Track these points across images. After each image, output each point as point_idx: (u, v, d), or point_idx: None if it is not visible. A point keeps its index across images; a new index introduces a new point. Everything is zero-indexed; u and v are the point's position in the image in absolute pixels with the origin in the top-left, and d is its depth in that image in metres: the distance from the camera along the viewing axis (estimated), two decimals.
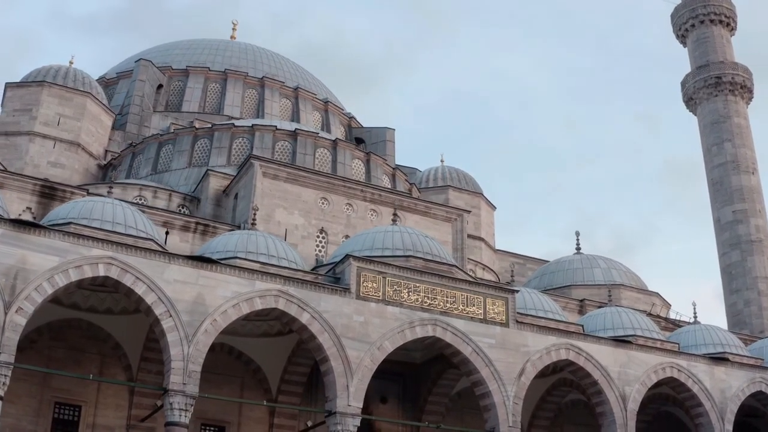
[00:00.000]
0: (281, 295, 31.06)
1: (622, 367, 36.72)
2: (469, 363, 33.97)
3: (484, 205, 60.73)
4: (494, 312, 34.95)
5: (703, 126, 60.90)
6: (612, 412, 35.85)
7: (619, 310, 41.33)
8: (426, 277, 34.04)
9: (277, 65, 64.65)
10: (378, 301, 32.65)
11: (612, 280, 53.08)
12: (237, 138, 48.35)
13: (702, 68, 61.25)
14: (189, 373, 28.79)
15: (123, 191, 43.02)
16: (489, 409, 33.92)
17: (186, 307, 29.30)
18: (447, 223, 45.74)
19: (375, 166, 50.68)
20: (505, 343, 34.58)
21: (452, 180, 60.29)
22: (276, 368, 36.38)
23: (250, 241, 33.55)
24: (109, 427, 33.36)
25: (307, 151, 47.92)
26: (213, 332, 29.67)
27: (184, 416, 28.51)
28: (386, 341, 32.39)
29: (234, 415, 35.86)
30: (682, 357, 38.46)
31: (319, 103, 62.49)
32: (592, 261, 55.02)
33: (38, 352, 33.11)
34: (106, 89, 58.82)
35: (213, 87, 59.02)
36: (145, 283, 29.09)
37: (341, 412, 30.67)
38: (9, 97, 49.78)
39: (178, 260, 29.87)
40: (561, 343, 35.91)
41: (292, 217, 41.34)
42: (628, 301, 51.43)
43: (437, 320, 33.57)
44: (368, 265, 33.07)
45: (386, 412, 38.84)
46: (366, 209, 43.69)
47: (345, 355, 31.29)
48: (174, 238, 38.25)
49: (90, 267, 28.64)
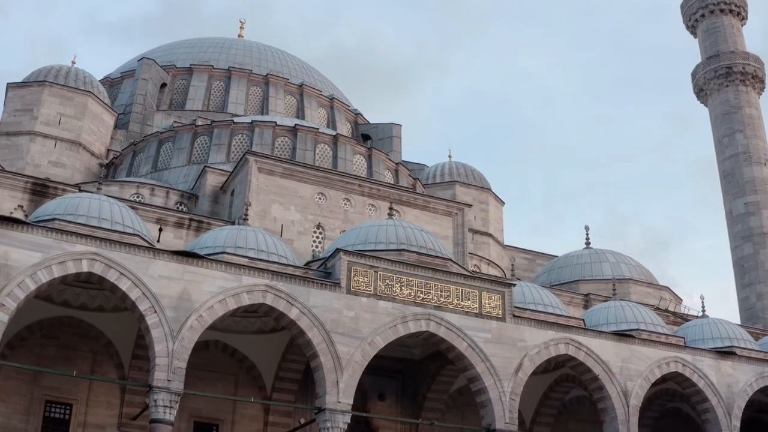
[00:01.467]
0: (269, 291, 30.55)
1: (624, 361, 35.85)
2: (464, 358, 33.27)
3: (492, 201, 59.95)
4: (490, 306, 34.23)
5: (714, 117, 59.63)
6: (614, 408, 35.01)
7: (622, 304, 40.41)
8: (419, 271, 33.38)
9: (283, 62, 64.26)
10: (369, 295, 32.05)
11: (621, 274, 52.18)
12: (236, 134, 48.00)
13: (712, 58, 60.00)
14: (174, 370, 28.33)
15: (120, 189, 42.83)
16: (485, 405, 33.20)
17: (171, 302, 28.87)
18: (447, 218, 45.02)
19: (377, 161, 50.10)
20: (502, 338, 33.84)
21: (459, 175, 59.55)
22: (270, 365, 35.90)
23: (239, 236, 33.09)
24: (101, 425, 33.04)
25: (308, 146, 47.47)
26: (199, 328, 29.20)
27: (168, 413, 28.08)
28: (378, 336, 31.80)
29: (228, 412, 35.41)
30: (687, 351, 37.48)
31: (325, 99, 62.01)
32: (600, 255, 54.13)
33: (29, 350, 32.89)
34: (110, 89, 58.87)
35: (217, 85, 58.72)
36: (129, 278, 28.70)
37: (331, 408, 30.12)
38: (10, 97, 49.79)
39: (164, 255, 29.46)
40: (560, 338, 35.10)
41: (289, 212, 40.85)
42: (637, 296, 50.55)
43: (431, 315, 32.90)
44: (359, 259, 32.48)
45: (384, 410, 38.27)
46: (364, 204, 43.12)
47: (335, 350, 30.74)
48: (168, 234, 37.92)
49: (73, 263, 28.30)
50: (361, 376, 37.78)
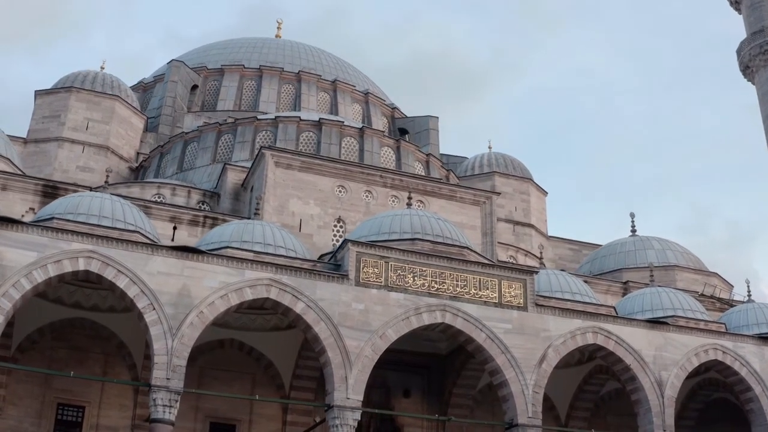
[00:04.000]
0: (273, 285, 29.56)
1: (657, 350, 33.76)
2: (483, 351, 31.75)
3: (533, 191, 58.04)
4: (511, 295, 32.60)
5: (762, 95, 56.22)
6: (647, 400, 32.99)
7: (659, 290, 38.17)
8: (433, 260, 31.98)
9: (316, 59, 63.38)
10: (380, 287, 30.79)
11: (666, 261, 49.76)
12: (260, 131, 47.26)
13: (757, 34, 56.71)
14: (173, 368, 27.58)
15: (141, 190, 42.52)
16: (507, 399, 31.62)
17: (170, 299, 28.14)
18: (475, 207, 43.33)
19: (406, 153, 48.76)
20: (524, 328, 32.17)
21: (498, 166, 57.86)
22: (288, 363, 34.94)
23: (246, 230, 32.21)
24: (113, 427, 32.59)
25: (333, 140, 46.42)
26: (200, 325, 28.36)
27: (168, 412, 27.35)
28: (389, 329, 30.49)
29: (245, 413, 34.58)
30: (727, 337, 35.13)
31: (359, 95, 60.87)
32: (645, 243, 51.74)
33: (40, 352, 32.68)
34: (144, 94, 58.92)
35: (248, 84, 58.16)
36: (127, 275, 28.09)
37: (339, 405, 28.95)
38: (39, 104, 50.05)
39: (162, 251, 28.77)
40: (587, 327, 33.22)
41: (308, 206, 39.83)
42: (684, 283, 48.12)
43: (446, 306, 31.46)
44: (369, 250, 31.26)
45: (410, 406, 36.97)
46: (387, 196, 41.80)
47: (343, 345, 29.56)
48: (182, 233, 37.29)
49: (69, 261, 27.83)
50: (385, 372, 36.99)
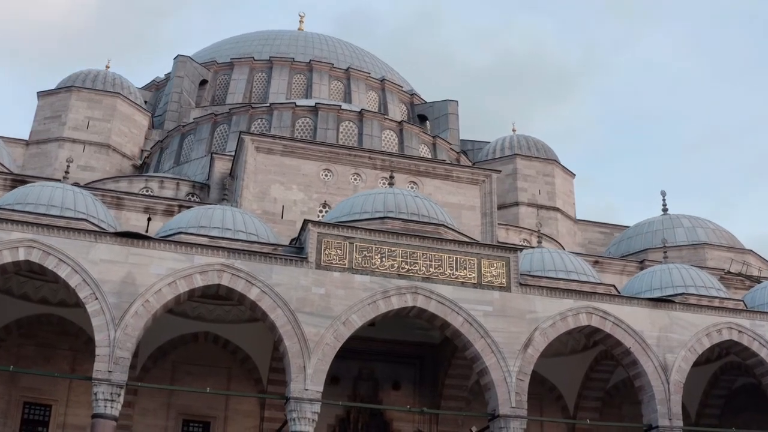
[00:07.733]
0: (225, 270, 27.69)
1: (662, 331, 30.66)
2: (461, 336, 29.27)
3: (559, 173, 55.08)
4: (492, 275, 30.01)
5: None
6: (650, 385, 29.96)
7: (671, 267, 34.96)
8: (403, 239, 29.63)
9: (330, 48, 61.52)
10: (343, 269, 28.62)
11: (696, 239, 46.26)
12: (255, 120, 45.66)
13: None
14: (116, 360, 25.97)
15: (129, 184, 41.43)
16: (489, 388, 29.01)
17: (113, 288, 26.59)
18: (474, 186, 40.68)
19: (410, 135, 46.46)
20: (506, 310, 29.53)
21: (520, 148, 55.17)
22: (266, 356, 33.00)
23: (204, 215, 30.52)
24: (81, 426, 31.17)
25: (329, 125, 44.48)
26: (145, 314, 26.67)
27: (110, 407, 25.70)
28: (354, 315, 28.25)
29: (220, 409, 32.86)
30: (744, 315, 31.76)
31: (375, 82, 58.77)
32: (674, 221, 48.35)
33: (6, 350, 31.61)
34: (156, 92, 58.10)
35: (259, 77, 56.67)
36: (69, 264, 26.67)
37: (296, 397, 26.88)
38: (40, 106, 49.59)
39: (105, 238, 27.23)
40: (580, 307, 30.35)
41: (291, 192, 37.95)
42: (714, 261, 44.71)
43: (418, 288, 29.08)
44: (331, 230, 29.12)
45: (399, 399, 34.64)
46: (377, 178, 39.57)
47: (301, 332, 27.49)
48: (157, 224, 35.74)
49: (9, 252, 26.59)
50: (373, 364, 34.93)
